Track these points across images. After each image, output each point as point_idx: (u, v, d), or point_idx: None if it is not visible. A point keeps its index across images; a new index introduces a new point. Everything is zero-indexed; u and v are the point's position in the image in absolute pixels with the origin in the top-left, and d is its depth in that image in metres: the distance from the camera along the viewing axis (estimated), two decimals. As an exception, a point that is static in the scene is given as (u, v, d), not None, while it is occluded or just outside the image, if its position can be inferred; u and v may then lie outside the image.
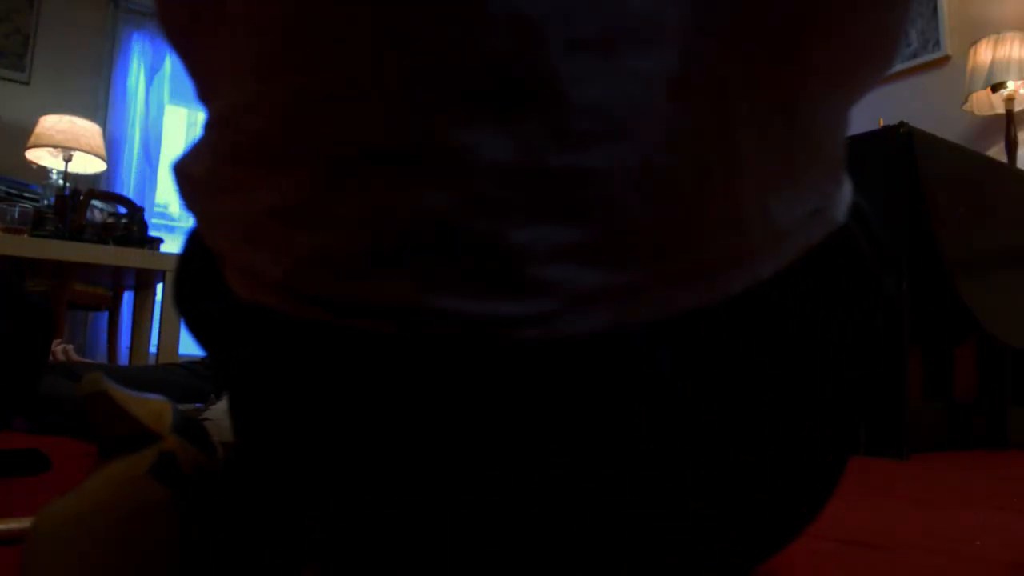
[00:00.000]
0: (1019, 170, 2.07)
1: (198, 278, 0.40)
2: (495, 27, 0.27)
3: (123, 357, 3.15)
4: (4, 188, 2.80)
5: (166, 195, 4.21)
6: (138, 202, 3.18)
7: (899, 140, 1.63)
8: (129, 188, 3.59)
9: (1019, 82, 2.52)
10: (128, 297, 3.14)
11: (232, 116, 0.33)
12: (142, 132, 3.67)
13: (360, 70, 0.28)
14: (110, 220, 2.51)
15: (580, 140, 0.28)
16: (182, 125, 4.49)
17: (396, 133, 0.28)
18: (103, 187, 3.47)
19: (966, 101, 2.65)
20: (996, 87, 2.55)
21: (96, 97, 3.65)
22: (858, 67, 0.35)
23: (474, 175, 0.28)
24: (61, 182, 3.00)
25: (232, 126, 0.33)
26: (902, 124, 1.65)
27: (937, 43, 2.86)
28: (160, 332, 2.41)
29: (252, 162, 0.32)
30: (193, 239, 0.40)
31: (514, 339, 0.30)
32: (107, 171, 3.49)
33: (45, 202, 2.82)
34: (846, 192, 0.39)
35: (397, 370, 0.31)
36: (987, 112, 2.66)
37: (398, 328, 0.30)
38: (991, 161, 1.94)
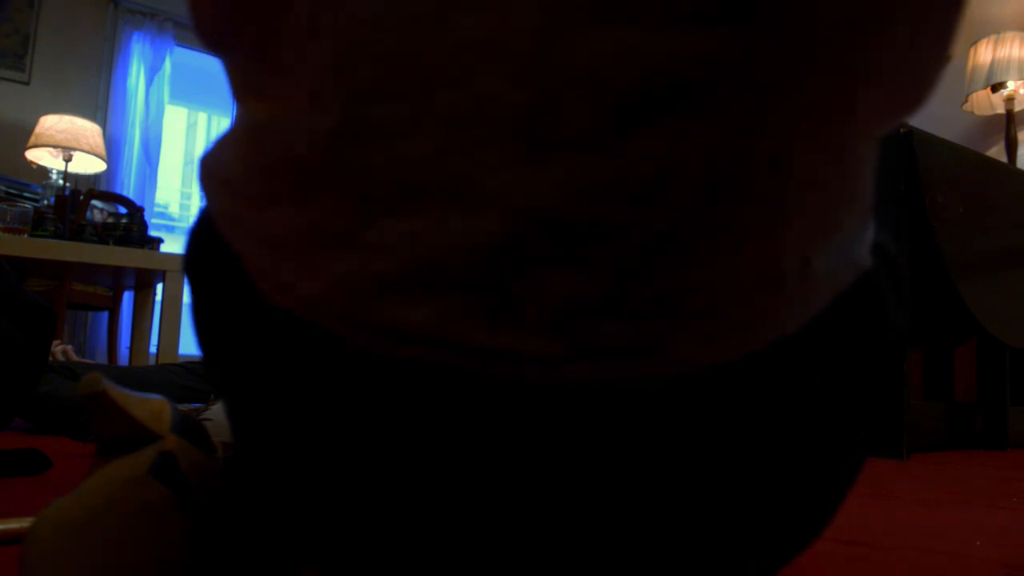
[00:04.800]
0: (1019, 170, 2.07)
1: (211, 266, 0.39)
2: (549, 78, 0.27)
3: (123, 357, 3.15)
4: (4, 188, 2.80)
5: (166, 195, 4.21)
6: (138, 202, 3.18)
7: (899, 140, 1.63)
8: (129, 188, 3.59)
9: (1019, 82, 2.52)
10: (128, 297, 3.15)
11: (273, 131, 0.33)
12: (142, 132, 3.67)
13: (412, 107, 0.29)
14: (110, 220, 2.51)
15: (613, 194, 0.28)
16: (182, 125, 4.49)
17: (436, 168, 0.29)
18: (103, 187, 3.47)
19: (966, 101, 2.65)
20: (996, 87, 2.55)
21: (96, 97, 3.65)
22: (899, 111, 0.34)
23: (503, 216, 0.28)
24: (61, 182, 3.00)
25: (272, 141, 0.33)
26: (902, 124, 1.65)
27: (937, 43, 2.86)
28: (160, 332, 2.41)
29: (289, 180, 0.32)
30: (206, 227, 0.39)
31: (521, 377, 0.30)
32: (107, 171, 3.49)
33: (45, 202, 2.82)
34: (871, 230, 0.38)
35: (409, 390, 0.31)
36: (987, 112, 2.66)
37: (414, 352, 0.30)
38: (991, 161, 1.94)
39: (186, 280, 0.42)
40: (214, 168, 0.38)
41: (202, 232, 0.40)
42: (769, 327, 0.32)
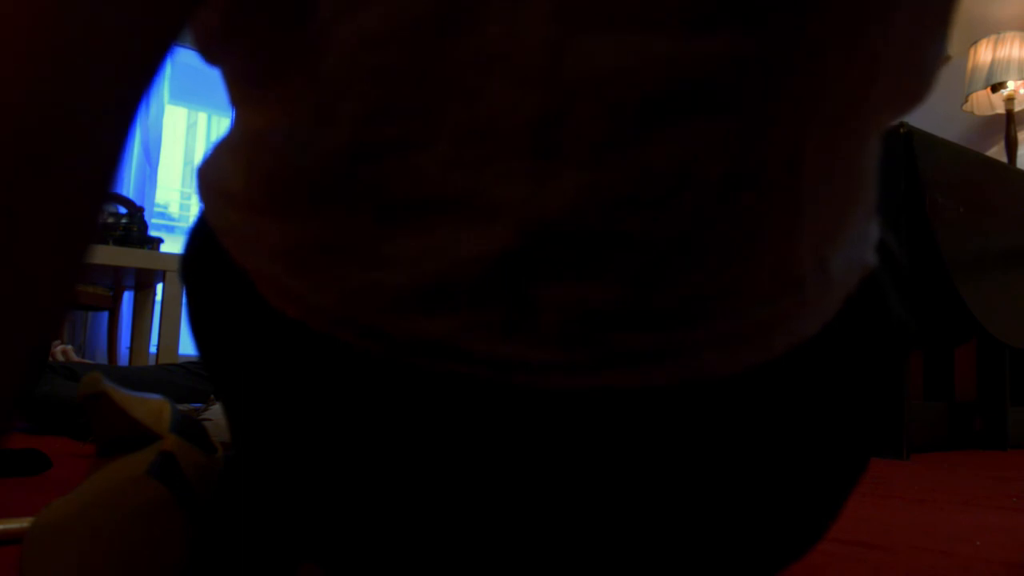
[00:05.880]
0: (1019, 170, 2.07)
1: (211, 272, 0.39)
2: (560, 87, 0.27)
3: (123, 357, 3.15)
4: (4, 188, 2.79)
5: (166, 195, 4.21)
6: (138, 202, 3.18)
7: (899, 140, 1.63)
8: (129, 188, 3.59)
9: (1019, 82, 2.52)
10: (128, 297, 3.14)
11: (276, 143, 0.32)
12: (142, 132, 3.67)
13: (423, 123, 0.28)
14: (110, 220, 2.51)
15: (626, 202, 0.28)
16: (182, 125, 4.49)
17: (449, 183, 0.29)
18: (103, 187, 3.47)
19: (966, 101, 2.65)
20: (996, 87, 2.55)
21: (96, 97, 3.65)
22: (904, 106, 0.34)
23: (516, 228, 0.28)
24: (61, 182, 2.99)
25: (277, 155, 0.32)
26: (902, 124, 1.65)
27: (937, 43, 2.86)
28: (160, 332, 2.41)
29: (297, 194, 0.32)
30: (204, 234, 0.39)
31: (536, 385, 0.30)
32: (107, 171, 3.49)
33: (45, 202, 2.81)
34: (875, 229, 0.38)
35: (422, 397, 0.32)
36: (987, 112, 2.67)
37: (428, 362, 0.30)
38: (991, 161, 1.94)
39: (183, 286, 0.41)
40: (212, 178, 0.37)
41: (201, 239, 0.39)
42: (789, 331, 0.32)
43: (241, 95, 0.35)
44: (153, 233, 2.65)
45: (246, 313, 0.35)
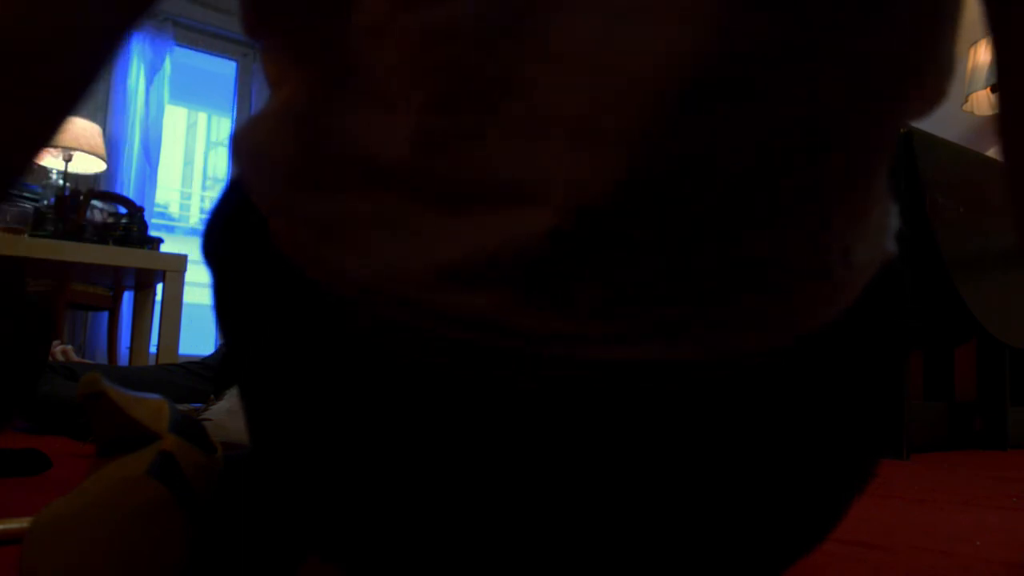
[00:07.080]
0: (1019, 170, 2.07)
1: (242, 243, 0.39)
2: (606, 77, 0.28)
3: (123, 357, 3.15)
4: (4, 188, 2.79)
5: (166, 195, 4.21)
6: (138, 202, 3.18)
7: (899, 140, 1.63)
8: (129, 188, 3.59)
9: (1019, 82, 2.52)
10: (128, 297, 3.15)
11: (330, 121, 0.33)
12: (142, 132, 3.67)
13: (480, 115, 0.30)
14: (110, 220, 2.51)
15: (662, 184, 0.29)
16: (182, 125, 4.49)
17: (498, 169, 0.30)
18: (103, 187, 3.47)
19: (966, 101, 2.65)
20: (996, 87, 2.55)
21: (96, 97, 3.65)
22: (928, 103, 0.35)
23: (558, 210, 0.29)
24: (61, 182, 3.00)
25: (328, 130, 0.33)
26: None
27: (937, 43, 2.86)
28: (160, 332, 2.41)
29: (353, 171, 0.32)
30: (234, 206, 0.39)
31: (571, 357, 0.31)
32: (107, 171, 3.49)
33: (45, 202, 2.82)
34: (895, 219, 0.39)
35: (460, 371, 0.32)
36: (987, 112, 2.67)
37: (467, 335, 0.31)
38: (991, 161, 1.95)
39: (206, 261, 0.41)
40: (252, 146, 0.37)
41: (230, 209, 0.40)
42: (813, 315, 0.33)
43: (287, 71, 0.36)
44: (153, 233, 2.65)
45: (278, 284, 0.36)
